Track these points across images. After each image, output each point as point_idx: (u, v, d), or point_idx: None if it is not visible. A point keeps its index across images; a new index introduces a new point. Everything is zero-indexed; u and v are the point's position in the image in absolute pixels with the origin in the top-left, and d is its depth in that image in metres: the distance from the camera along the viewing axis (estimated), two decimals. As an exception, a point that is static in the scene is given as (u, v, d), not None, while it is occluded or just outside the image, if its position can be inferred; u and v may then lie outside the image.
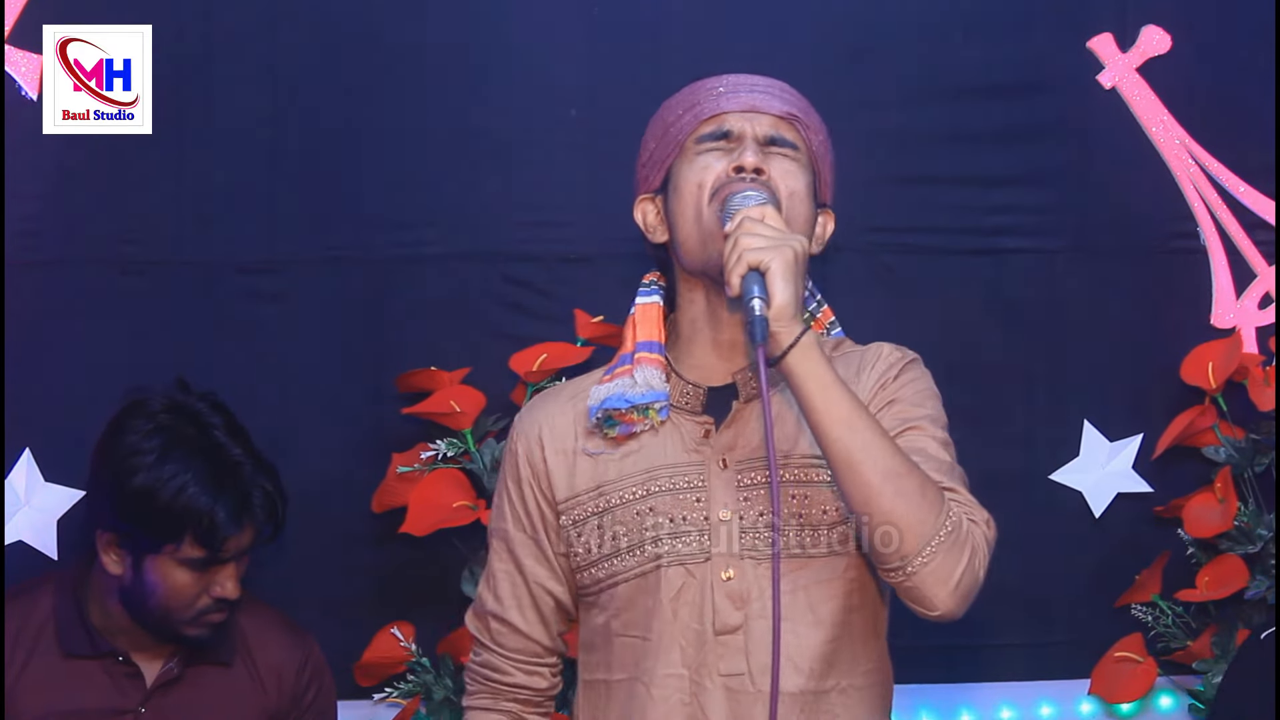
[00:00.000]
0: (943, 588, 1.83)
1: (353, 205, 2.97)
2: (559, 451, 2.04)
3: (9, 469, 2.84)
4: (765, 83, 2.06)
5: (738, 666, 1.92)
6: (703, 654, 1.93)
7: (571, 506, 2.02)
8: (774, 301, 1.80)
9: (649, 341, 2.04)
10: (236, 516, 2.42)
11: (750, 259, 1.81)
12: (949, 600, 1.84)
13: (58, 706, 2.46)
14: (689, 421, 2.00)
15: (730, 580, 1.93)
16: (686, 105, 2.05)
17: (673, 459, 1.98)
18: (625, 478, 1.99)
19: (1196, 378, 2.97)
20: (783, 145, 2.01)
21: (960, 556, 1.84)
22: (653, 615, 1.95)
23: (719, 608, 1.93)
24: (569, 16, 2.99)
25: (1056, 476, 3.03)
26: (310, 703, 2.62)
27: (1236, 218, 3.06)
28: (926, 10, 3.04)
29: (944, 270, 3.04)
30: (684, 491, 1.97)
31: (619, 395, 1.99)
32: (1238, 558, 2.93)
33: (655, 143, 2.07)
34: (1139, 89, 3.04)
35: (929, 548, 1.82)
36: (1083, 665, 3.00)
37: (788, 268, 1.81)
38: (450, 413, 2.81)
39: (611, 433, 2.01)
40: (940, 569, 1.83)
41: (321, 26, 2.96)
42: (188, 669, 2.52)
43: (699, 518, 1.95)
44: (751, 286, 1.81)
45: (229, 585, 2.45)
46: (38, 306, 2.88)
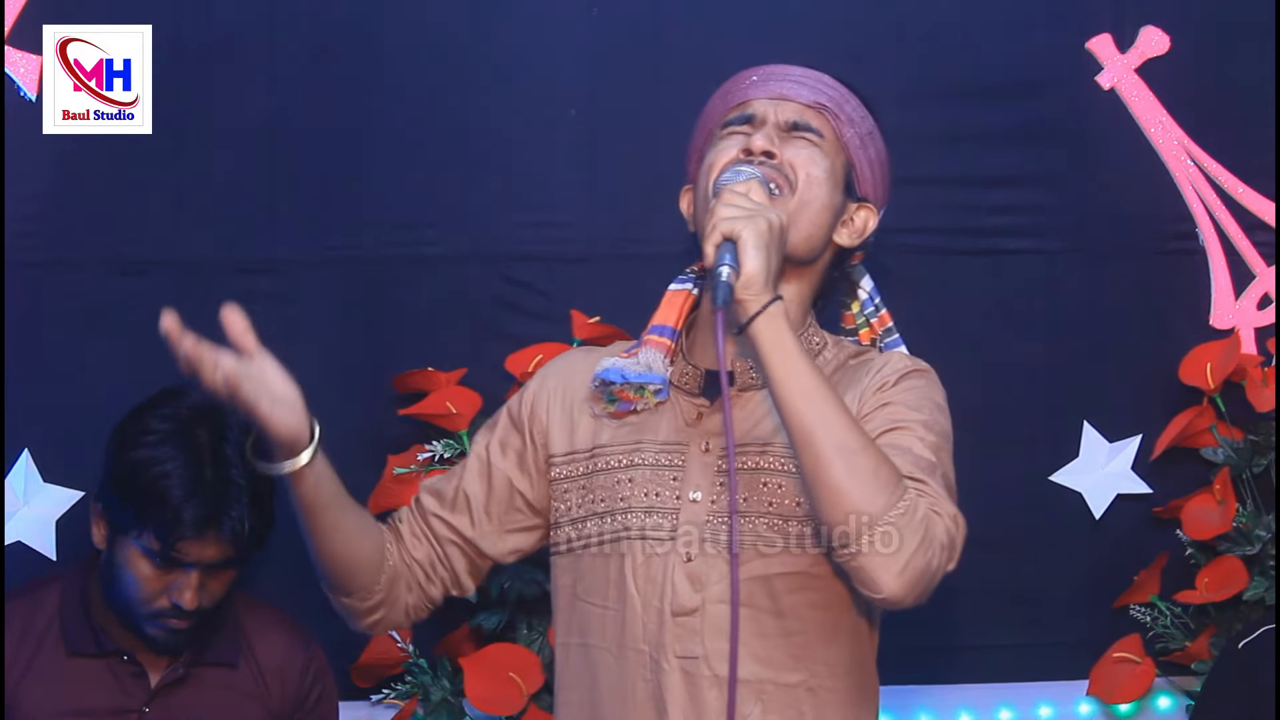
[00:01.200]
0: (888, 571, 1.78)
1: (352, 205, 2.97)
2: (566, 404, 2.06)
3: (9, 469, 2.84)
4: (802, 73, 2.07)
5: (693, 649, 1.91)
6: (661, 633, 1.92)
7: (567, 461, 2.03)
8: (743, 269, 1.79)
9: (662, 325, 2.04)
10: (200, 524, 2.39)
11: (724, 228, 1.81)
12: (894, 583, 1.79)
13: (63, 705, 2.47)
14: (686, 402, 2.01)
15: (691, 562, 1.93)
16: (722, 94, 2.08)
17: (662, 436, 1.99)
18: (616, 445, 2.00)
19: (1195, 378, 2.97)
20: (806, 131, 2.02)
21: (912, 540, 1.78)
22: (616, 586, 1.95)
23: (678, 588, 1.92)
24: (569, 16, 2.99)
25: (1056, 477, 3.03)
26: (313, 704, 2.63)
27: (1235, 218, 3.06)
28: (926, 10, 3.04)
29: (944, 270, 3.04)
30: (663, 469, 1.97)
31: (618, 370, 1.99)
32: (1237, 559, 2.93)
33: (696, 133, 2.11)
34: (1138, 90, 3.04)
35: (876, 529, 1.77)
36: (1081, 666, 3.00)
37: (759, 237, 1.80)
38: (446, 414, 2.81)
39: (610, 407, 2.02)
40: (890, 552, 1.78)
41: (321, 26, 2.96)
42: (193, 670, 2.52)
43: (671, 496, 1.95)
44: (724, 255, 1.81)
45: (187, 595, 2.41)
46: (38, 306, 2.88)
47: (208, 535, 2.41)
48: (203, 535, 2.40)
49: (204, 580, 2.43)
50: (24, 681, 2.47)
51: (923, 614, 3.01)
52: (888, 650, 2.08)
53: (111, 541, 2.46)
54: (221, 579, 2.47)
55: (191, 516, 2.38)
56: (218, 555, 2.43)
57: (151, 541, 2.40)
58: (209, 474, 2.42)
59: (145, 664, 2.50)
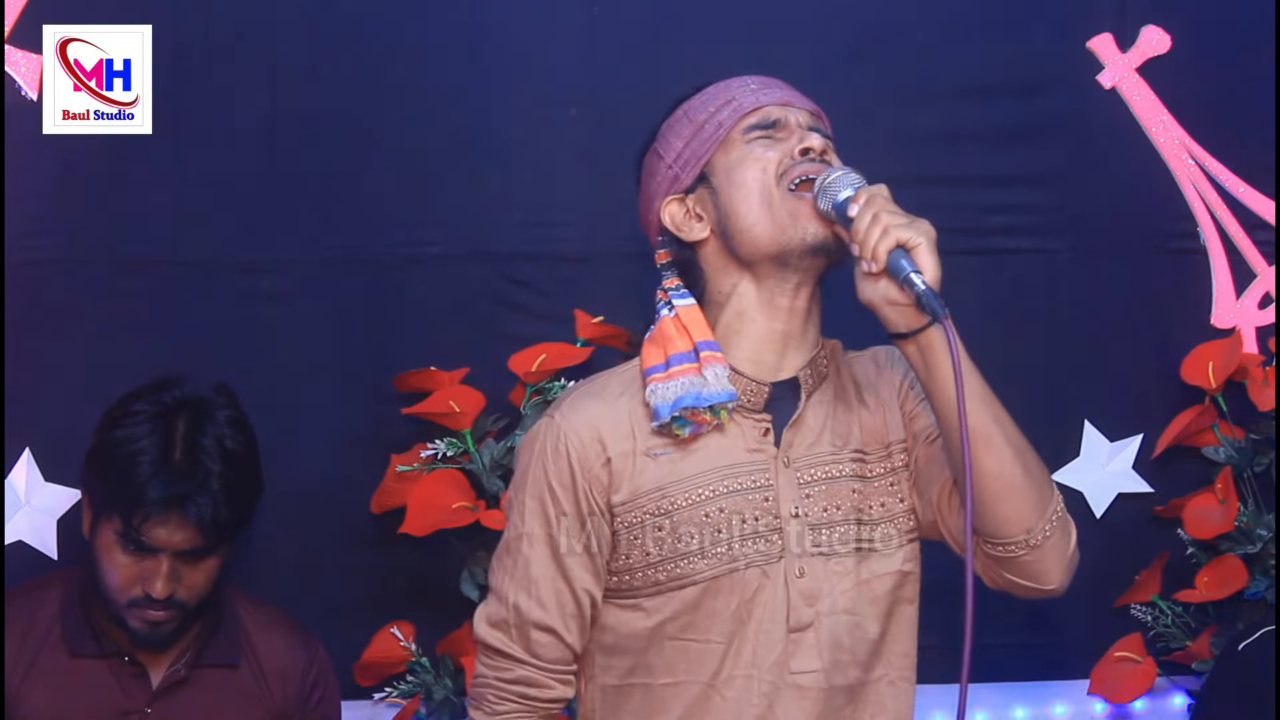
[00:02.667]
0: (1059, 562, 1.91)
1: (353, 205, 2.97)
2: (622, 453, 1.97)
3: (9, 469, 2.84)
4: (783, 82, 2.11)
5: (810, 664, 1.95)
6: (774, 653, 1.94)
7: (630, 509, 1.97)
8: (928, 274, 1.84)
9: (709, 341, 2.00)
10: (164, 504, 2.38)
11: (899, 235, 1.85)
12: (1064, 575, 1.92)
13: (64, 707, 2.47)
14: (747, 419, 1.99)
15: (802, 578, 1.95)
16: (721, 102, 2.06)
17: (737, 458, 1.97)
18: (689, 478, 1.96)
19: (1196, 378, 2.97)
20: (821, 135, 2.04)
21: (1070, 531, 1.94)
22: (722, 618, 1.94)
23: (794, 606, 1.95)
24: (569, 16, 2.99)
25: (1057, 477, 3.02)
26: (316, 704, 2.63)
27: (1236, 218, 3.06)
28: (926, 10, 3.04)
29: (944, 270, 3.02)
30: (751, 491, 1.96)
31: (694, 394, 1.94)
32: (1237, 558, 2.93)
33: (684, 142, 2.06)
34: (1139, 89, 3.04)
35: (1050, 523, 1.89)
36: (1082, 665, 3.00)
37: (932, 243, 1.86)
38: (449, 413, 2.81)
39: (683, 433, 1.96)
40: (1059, 543, 1.91)
41: (321, 26, 2.96)
42: (194, 670, 2.52)
43: (769, 517, 1.96)
44: (901, 261, 1.84)
45: (157, 583, 2.40)
46: (38, 306, 2.88)
47: (173, 518, 2.39)
48: (168, 517, 2.39)
49: (177, 570, 2.42)
50: (25, 683, 2.47)
51: (923, 614, 3.02)
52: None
53: (93, 529, 2.47)
54: (199, 571, 2.45)
55: (156, 495, 2.38)
56: (186, 542, 2.41)
57: (119, 524, 2.40)
58: (179, 457, 2.41)
59: (147, 664, 2.50)
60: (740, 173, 2.00)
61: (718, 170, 2.03)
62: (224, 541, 2.47)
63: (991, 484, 1.86)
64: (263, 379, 2.92)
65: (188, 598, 2.45)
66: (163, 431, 2.43)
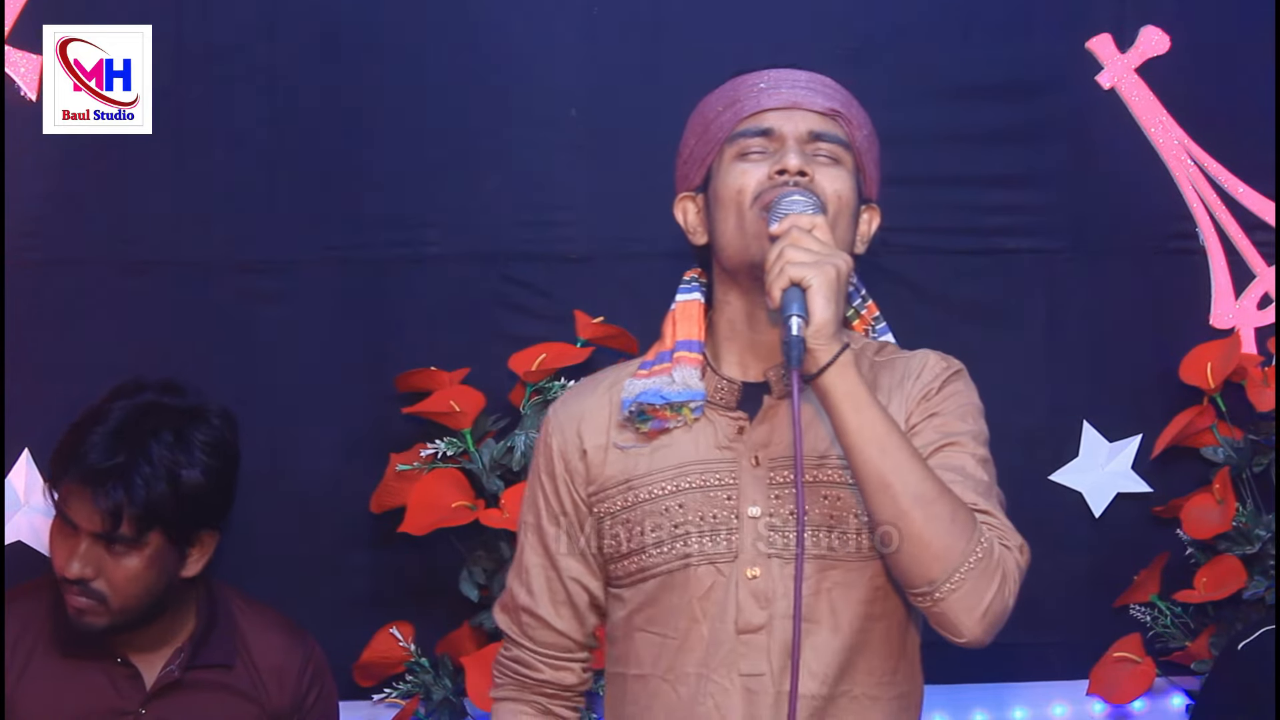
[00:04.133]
0: (969, 615, 1.82)
1: (353, 205, 2.97)
2: (595, 446, 2.01)
3: (9, 468, 2.84)
4: (808, 78, 2.03)
5: (759, 667, 1.91)
6: (723, 653, 1.91)
7: (601, 499, 2.00)
8: (813, 320, 1.78)
9: (689, 340, 2.01)
10: (87, 473, 2.37)
11: (793, 273, 1.79)
12: (976, 628, 1.82)
13: (59, 708, 2.46)
14: (722, 417, 1.98)
15: (755, 579, 1.91)
16: (726, 102, 2.01)
17: (704, 455, 1.96)
18: (655, 472, 1.97)
19: (1195, 378, 2.97)
20: (826, 140, 1.98)
21: (990, 583, 1.82)
22: (678, 613, 1.93)
23: (743, 606, 1.91)
24: (569, 16, 2.99)
25: (1056, 477, 3.03)
26: (312, 704, 2.61)
27: (1236, 218, 3.06)
28: (925, 10, 3.04)
29: (944, 270, 3.05)
30: (715, 489, 1.94)
31: (655, 391, 1.96)
32: (1236, 558, 2.93)
33: (695, 140, 2.04)
34: (1138, 89, 3.04)
35: (958, 574, 1.80)
36: (1081, 665, 3.00)
37: (829, 286, 1.79)
38: (450, 412, 2.81)
39: (644, 427, 1.97)
40: (969, 596, 1.81)
41: (321, 27, 2.96)
42: (188, 671, 2.51)
43: (728, 515, 1.93)
44: (791, 303, 1.78)
45: (72, 564, 2.38)
46: (38, 306, 2.88)
47: (86, 493, 2.37)
48: (81, 490, 2.38)
49: (96, 555, 2.39)
50: (20, 684, 2.46)
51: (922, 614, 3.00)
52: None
53: None
54: (121, 568, 2.40)
55: (88, 461, 2.37)
56: (99, 525, 2.38)
57: (50, 489, 2.42)
58: (125, 445, 2.39)
59: (139, 666, 2.49)
60: (723, 188, 1.98)
61: (713, 177, 2.01)
62: (133, 540, 2.40)
63: (886, 533, 1.82)
64: (263, 378, 2.92)
65: (108, 592, 2.40)
66: (130, 417, 2.42)
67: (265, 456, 2.72)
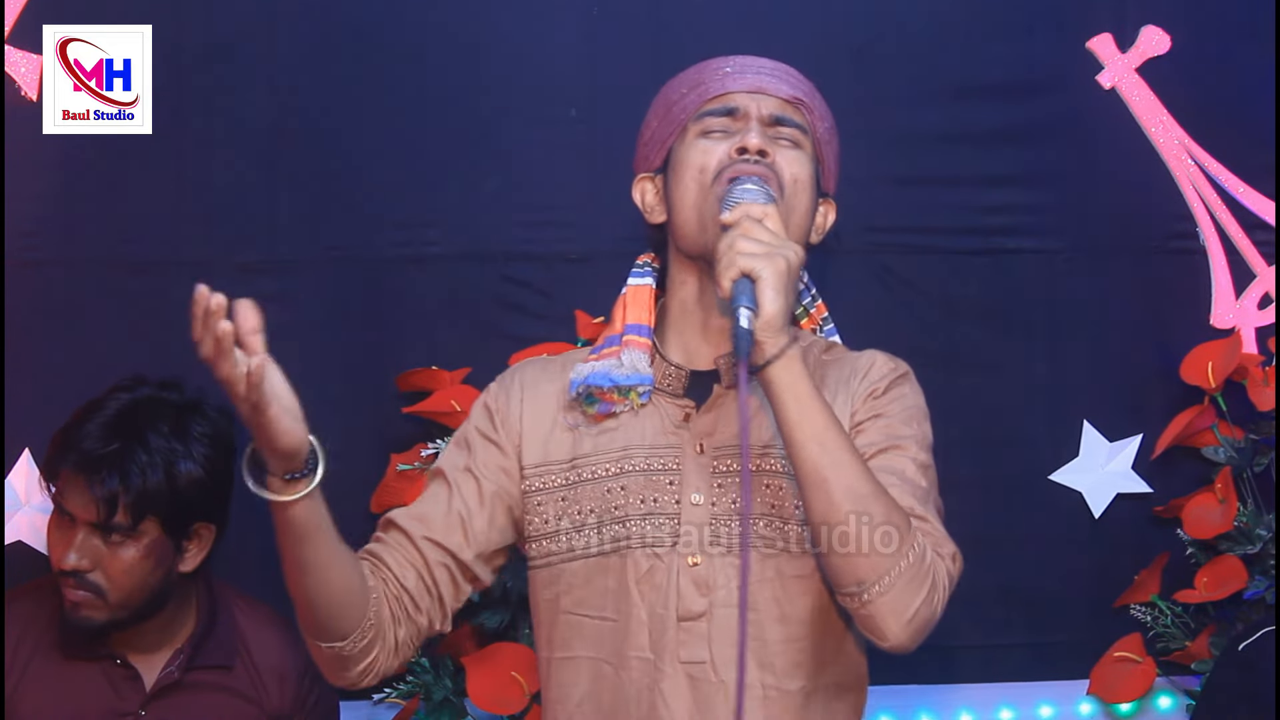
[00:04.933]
0: (896, 620, 1.79)
1: (353, 205, 2.97)
2: (537, 416, 2.01)
3: (9, 469, 2.84)
4: (772, 65, 2.04)
5: (699, 654, 1.90)
6: (665, 639, 1.90)
7: (540, 473, 1.99)
8: (761, 312, 1.77)
9: (638, 325, 2.01)
10: (82, 459, 2.38)
11: (743, 264, 1.78)
12: (901, 633, 1.80)
13: (58, 709, 2.46)
14: (669, 404, 1.98)
15: (696, 566, 1.91)
16: (691, 84, 2.02)
17: (650, 440, 1.96)
18: (600, 453, 1.97)
19: (1196, 378, 2.97)
20: (788, 125, 1.98)
21: (919, 590, 1.80)
22: (616, 596, 1.92)
23: (683, 593, 1.90)
24: (569, 16, 2.99)
25: (1056, 477, 3.03)
26: (312, 706, 2.62)
27: (1236, 218, 3.06)
28: (926, 10, 3.04)
29: (944, 270, 3.05)
30: (657, 473, 1.94)
31: (603, 374, 1.96)
32: (1236, 558, 2.93)
33: (658, 121, 2.05)
34: (1138, 89, 3.04)
35: (887, 577, 1.78)
36: (1082, 665, 3.00)
37: (779, 278, 1.78)
38: (450, 412, 2.81)
39: (591, 410, 1.98)
40: (896, 601, 1.79)
41: (321, 26, 2.96)
42: (188, 672, 2.51)
43: (670, 501, 1.93)
44: (741, 294, 1.78)
45: (68, 555, 2.39)
46: (38, 306, 2.88)
47: (80, 482, 2.39)
48: (76, 479, 2.39)
49: (92, 545, 2.40)
50: (21, 685, 2.47)
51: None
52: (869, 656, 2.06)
53: None
54: (117, 558, 2.41)
55: (83, 448, 2.38)
56: (95, 514, 2.39)
57: (47, 481, 2.43)
58: (121, 433, 2.40)
59: (139, 667, 2.49)
60: (683, 166, 1.98)
61: (673, 156, 2.01)
62: (127, 529, 2.41)
63: (818, 530, 1.81)
64: (263, 379, 2.92)
65: (105, 584, 2.41)
66: (117, 414, 2.43)
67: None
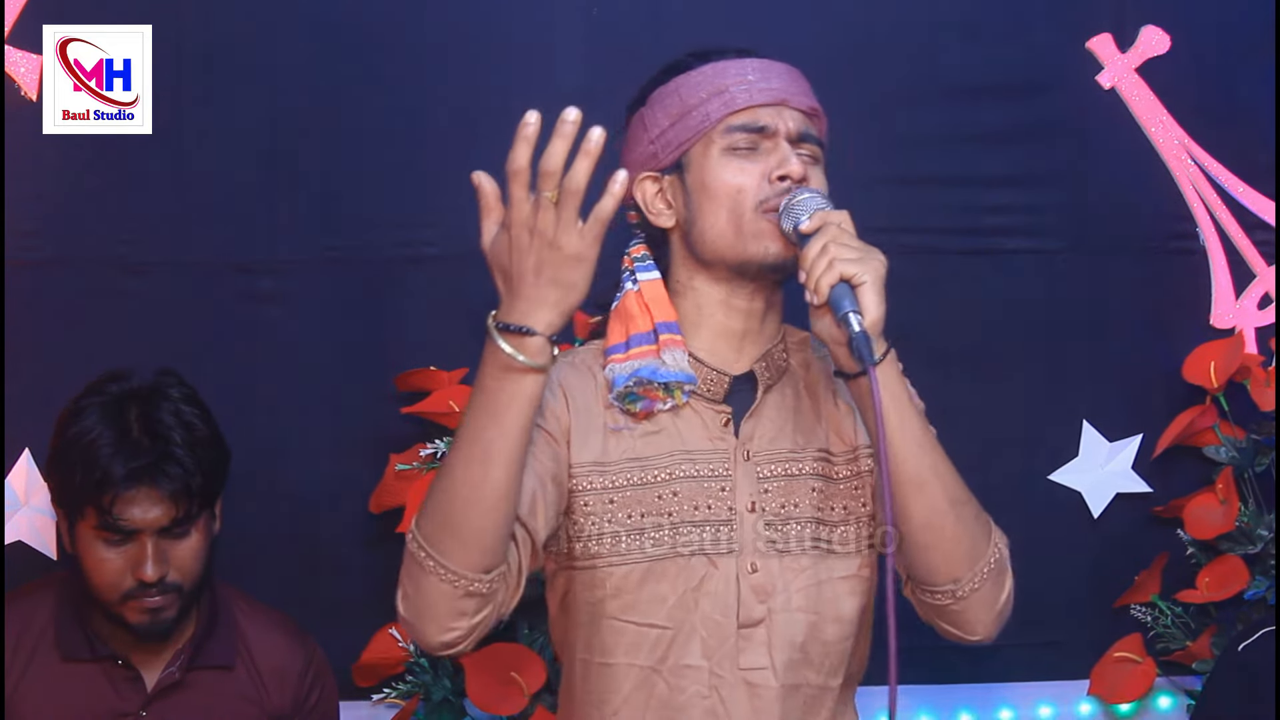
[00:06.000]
0: (988, 613, 1.89)
1: (353, 205, 2.97)
2: (580, 414, 1.94)
3: (9, 469, 2.84)
4: (786, 70, 2.01)
5: (760, 660, 1.91)
6: (724, 647, 1.91)
7: (588, 473, 1.93)
8: (868, 315, 1.77)
9: (669, 323, 1.97)
10: (131, 478, 2.37)
11: (844, 269, 1.78)
12: (992, 625, 1.90)
13: (58, 711, 2.45)
14: (708, 409, 1.96)
15: (755, 573, 1.92)
16: (713, 90, 1.97)
17: (697, 445, 1.94)
18: (650, 457, 1.94)
19: (1198, 377, 2.97)
20: (810, 143, 1.98)
21: (1003, 583, 1.90)
22: (669, 604, 1.90)
23: (744, 600, 1.91)
24: (569, 16, 2.99)
25: (1056, 477, 3.03)
26: (313, 706, 2.62)
27: (1236, 218, 3.06)
28: (926, 10, 3.04)
29: (944, 270, 3.05)
30: (709, 480, 1.93)
31: (649, 369, 1.92)
32: (1238, 558, 2.93)
33: (670, 122, 1.99)
34: (1138, 89, 3.04)
35: (980, 575, 1.86)
36: (1082, 666, 3.00)
37: (879, 281, 1.79)
38: (449, 412, 2.81)
39: (634, 407, 1.94)
40: (988, 595, 1.88)
41: (321, 27, 2.96)
42: (189, 673, 2.51)
43: (723, 508, 1.92)
44: (843, 299, 1.78)
45: (146, 566, 2.38)
46: (38, 306, 2.88)
47: (143, 493, 2.38)
48: (137, 493, 2.38)
49: (162, 550, 2.40)
50: (20, 686, 2.46)
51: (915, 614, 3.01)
52: (888, 650, 2.06)
53: (73, 534, 2.45)
54: (185, 549, 2.43)
55: (121, 471, 2.36)
56: (164, 517, 2.39)
57: (94, 515, 2.38)
58: (136, 434, 2.40)
59: (140, 668, 2.49)
60: (715, 183, 1.95)
61: (694, 165, 1.97)
62: (202, 511, 2.44)
63: (920, 533, 1.83)
64: (263, 379, 2.92)
65: (180, 579, 2.43)
66: (115, 416, 2.42)
67: (264, 456, 2.71)
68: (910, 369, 2.03)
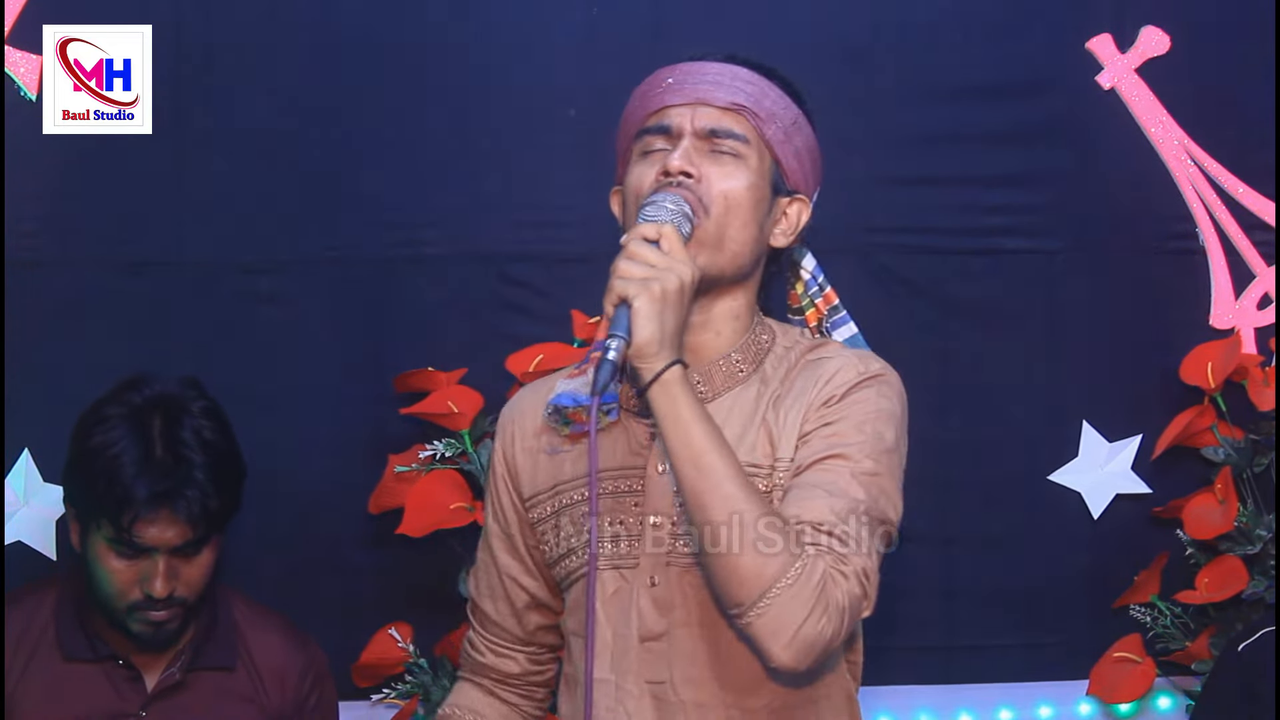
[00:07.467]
0: (775, 641, 1.73)
1: (353, 205, 2.97)
2: (525, 450, 2.04)
3: (9, 469, 2.84)
4: (717, 71, 1.96)
5: (660, 674, 1.90)
6: (629, 659, 1.91)
7: (534, 504, 2.02)
8: (633, 340, 1.75)
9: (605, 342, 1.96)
10: (153, 501, 2.36)
11: (619, 289, 1.76)
12: (783, 654, 1.74)
13: (59, 711, 2.45)
14: (636, 424, 1.96)
15: (655, 586, 1.91)
16: (638, 97, 1.99)
17: (619, 461, 1.95)
18: (576, 478, 1.98)
19: (1196, 378, 2.97)
20: (726, 137, 1.92)
21: (802, 610, 1.73)
22: (590, 617, 1.88)
23: (644, 613, 1.91)
24: (569, 16, 2.99)
25: (1055, 477, 3.03)
26: (313, 707, 2.61)
27: (1235, 218, 3.06)
28: (926, 10, 3.04)
29: (944, 270, 3.05)
30: (624, 495, 1.94)
31: (568, 394, 1.92)
32: (1237, 559, 2.93)
33: (619, 134, 2.02)
34: (1138, 89, 3.04)
35: (765, 599, 1.73)
36: (1081, 666, 3.00)
37: (653, 303, 1.75)
38: (448, 413, 2.81)
39: (565, 431, 1.97)
40: (775, 621, 1.73)
41: (321, 27, 2.96)
42: (189, 674, 2.51)
43: (634, 522, 1.93)
44: (618, 321, 1.76)
45: (157, 583, 2.38)
46: (38, 306, 2.88)
47: (162, 514, 2.37)
48: (157, 514, 2.37)
49: (174, 567, 2.40)
50: (20, 687, 2.46)
51: (923, 614, 3.01)
52: (888, 650, 2.07)
53: (83, 540, 2.44)
54: (195, 566, 2.43)
55: (143, 494, 2.36)
56: (179, 538, 2.39)
57: (110, 529, 2.38)
58: (159, 453, 2.39)
59: (141, 668, 2.49)
60: (626, 188, 1.96)
61: (626, 174, 1.98)
62: (215, 532, 2.45)
63: (702, 549, 1.79)
64: (263, 379, 2.92)
65: (187, 594, 2.44)
66: (139, 431, 2.41)
67: (264, 457, 2.70)
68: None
